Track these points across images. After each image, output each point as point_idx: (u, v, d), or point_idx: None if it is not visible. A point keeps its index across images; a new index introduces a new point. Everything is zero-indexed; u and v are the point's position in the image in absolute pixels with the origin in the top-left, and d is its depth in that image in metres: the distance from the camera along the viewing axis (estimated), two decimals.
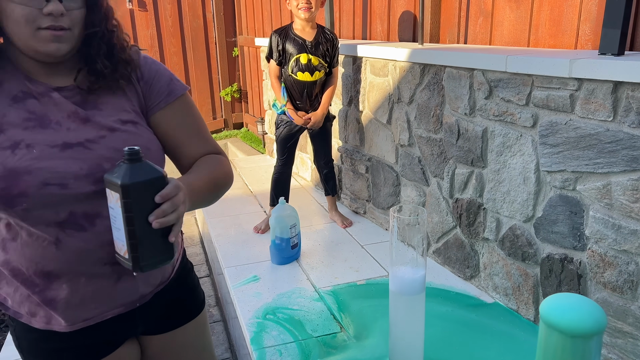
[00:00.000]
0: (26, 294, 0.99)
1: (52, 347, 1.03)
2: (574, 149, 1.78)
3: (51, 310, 0.99)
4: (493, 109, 2.09)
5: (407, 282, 1.68)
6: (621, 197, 1.65)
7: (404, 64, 2.64)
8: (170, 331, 1.19)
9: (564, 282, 1.91)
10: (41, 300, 0.98)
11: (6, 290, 1.01)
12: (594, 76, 1.65)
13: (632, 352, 1.69)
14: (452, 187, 2.42)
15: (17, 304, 1.00)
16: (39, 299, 0.98)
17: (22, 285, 0.98)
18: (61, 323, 1.01)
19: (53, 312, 0.99)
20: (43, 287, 0.98)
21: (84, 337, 1.04)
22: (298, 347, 2.00)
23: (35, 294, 0.98)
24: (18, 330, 1.04)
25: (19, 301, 1.00)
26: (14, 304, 1.01)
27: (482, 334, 2.03)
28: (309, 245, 2.89)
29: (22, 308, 1.01)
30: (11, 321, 1.05)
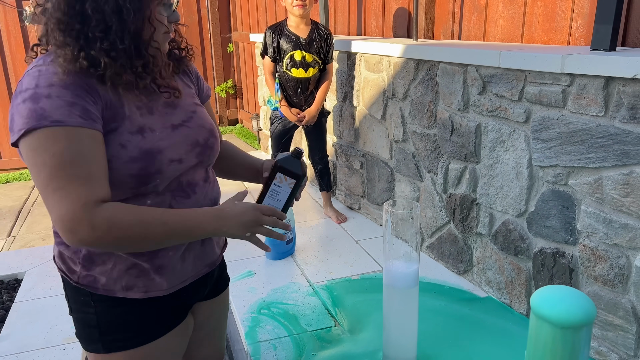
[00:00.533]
0: (125, 268, 1.08)
1: (139, 315, 1.13)
2: (566, 144, 1.79)
3: (156, 275, 1.10)
4: (486, 104, 2.10)
5: (401, 276, 1.69)
6: (612, 192, 1.66)
7: (398, 59, 2.65)
8: (216, 297, 1.34)
9: (556, 276, 1.93)
10: (149, 267, 1.09)
11: (101, 270, 1.08)
12: (586, 71, 1.66)
13: (623, 344, 1.71)
14: (446, 182, 2.43)
15: (112, 281, 1.09)
16: (148, 266, 1.09)
17: (130, 257, 1.07)
18: (163, 286, 1.12)
19: (158, 277, 1.11)
20: (153, 255, 1.09)
21: (173, 299, 1.16)
22: (292, 341, 2.01)
23: (144, 262, 1.09)
24: (100, 311, 1.11)
25: (116, 277, 1.08)
26: (108, 281, 1.09)
27: (475, 328, 2.05)
28: (304, 241, 2.90)
29: (117, 284, 1.09)
30: (92, 303, 1.11)
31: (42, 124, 0.92)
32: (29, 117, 0.93)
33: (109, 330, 1.13)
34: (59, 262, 1.13)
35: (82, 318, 1.14)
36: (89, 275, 1.09)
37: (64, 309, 2.25)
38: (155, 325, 1.16)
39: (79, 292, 1.12)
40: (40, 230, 3.85)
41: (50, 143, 0.93)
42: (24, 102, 0.94)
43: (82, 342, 1.17)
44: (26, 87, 0.95)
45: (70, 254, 1.09)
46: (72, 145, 0.94)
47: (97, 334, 1.13)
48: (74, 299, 1.14)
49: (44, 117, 0.93)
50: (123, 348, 1.13)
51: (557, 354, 1.13)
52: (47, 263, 2.67)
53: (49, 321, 2.18)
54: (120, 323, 1.13)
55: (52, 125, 0.93)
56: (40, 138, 0.93)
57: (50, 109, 0.93)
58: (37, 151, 0.93)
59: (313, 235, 2.98)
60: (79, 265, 1.09)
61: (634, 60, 1.51)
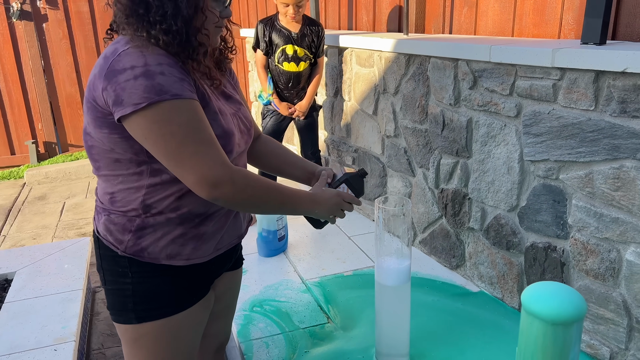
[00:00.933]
0: (172, 237, 1.17)
1: (172, 285, 1.22)
2: (556, 138, 1.79)
3: (200, 243, 1.20)
4: (477, 99, 2.10)
5: (393, 272, 1.69)
6: (603, 186, 1.66)
7: (389, 54, 2.64)
8: (235, 270, 1.45)
9: (548, 271, 1.93)
10: (194, 235, 1.19)
11: (150, 238, 1.16)
12: (576, 65, 1.65)
13: (614, 338, 1.72)
14: (438, 177, 2.43)
15: (158, 249, 1.17)
16: (193, 235, 1.19)
17: (178, 226, 1.17)
18: (204, 253, 1.22)
19: (201, 244, 1.21)
20: (198, 224, 1.19)
21: (206, 269, 1.26)
22: (285, 338, 2.01)
23: (191, 230, 1.19)
24: (137, 281, 1.19)
25: (162, 246, 1.17)
26: (154, 250, 1.17)
27: (467, 322, 2.05)
28: (296, 237, 2.89)
29: (162, 252, 1.18)
30: (130, 274, 1.19)
31: (164, 98, 1.02)
32: (148, 91, 1.01)
33: (142, 300, 1.20)
34: (105, 234, 1.19)
35: (117, 289, 1.21)
36: (137, 244, 1.17)
37: (54, 309, 2.23)
38: (186, 296, 1.24)
39: (119, 263, 1.19)
40: (30, 229, 3.82)
41: (174, 114, 1.03)
42: (136, 79, 1.01)
43: (114, 313, 1.24)
44: (132, 65, 1.02)
45: (124, 222, 1.16)
46: (193, 114, 1.05)
47: (130, 303, 1.20)
48: (111, 271, 1.21)
49: (164, 92, 1.02)
50: (155, 317, 1.21)
51: (548, 350, 1.13)
52: (38, 262, 2.65)
53: (40, 321, 2.16)
54: (155, 292, 1.20)
55: (172, 99, 1.02)
56: (164, 110, 1.02)
57: (167, 84, 1.02)
58: (161, 123, 1.03)
59: (305, 232, 2.97)
60: (129, 234, 1.16)
61: (624, 54, 1.51)
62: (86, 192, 4.61)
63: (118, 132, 1.08)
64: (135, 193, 1.14)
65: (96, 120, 1.09)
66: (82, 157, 5.34)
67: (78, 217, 4.03)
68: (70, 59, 5.33)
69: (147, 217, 1.15)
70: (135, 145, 1.09)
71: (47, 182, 4.95)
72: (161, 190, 1.14)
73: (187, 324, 1.26)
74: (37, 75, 5.22)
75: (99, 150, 1.13)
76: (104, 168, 1.15)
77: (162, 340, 1.24)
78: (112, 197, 1.17)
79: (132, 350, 1.26)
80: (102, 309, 2.73)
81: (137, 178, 1.13)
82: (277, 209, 1.24)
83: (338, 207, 1.31)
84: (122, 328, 1.24)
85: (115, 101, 1.03)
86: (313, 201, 1.28)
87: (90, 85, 1.09)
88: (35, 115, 5.32)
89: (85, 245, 2.82)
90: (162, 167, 1.11)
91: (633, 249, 1.61)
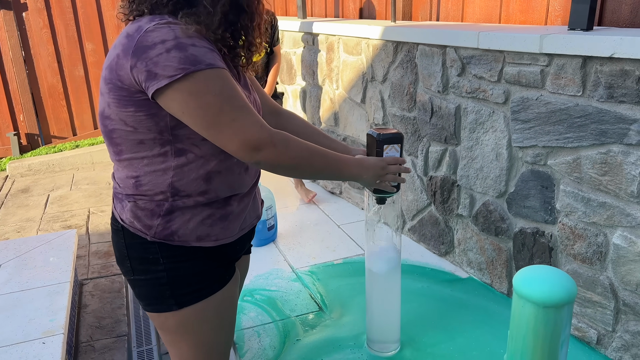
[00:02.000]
0: (200, 219, 1.17)
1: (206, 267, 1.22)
2: (544, 124, 1.80)
3: (226, 223, 1.22)
4: (466, 86, 2.10)
5: (383, 259, 1.69)
6: (590, 171, 1.68)
7: (377, 42, 2.63)
8: (248, 254, 1.49)
9: (536, 255, 1.95)
10: (221, 216, 1.20)
11: (179, 221, 1.17)
12: (564, 51, 1.66)
13: (601, 320, 1.75)
14: (427, 165, 2.44)
15: (188, 231, 1.17)
16: (220, 215, 1.20)
17: (205, 208, 1.18)
18: (231, 233, 1.24)
19: (228, 224, 1.22)
20: (224, 204, 1.20)
21: (232, 249, 1.28)
22: (276, 327, 2.01)
23: (218, 210, 1.20)
24: (170, 267, 1.19)
25: (192, 228, 1.17)
26: (184, 232, 1.17)
27: (457, 308, 2.07)
28: (286, 227, 2.88)
29: (192, 235, 1.18)
30: (161, 260, 1.18)
31: (199, 67, 1.02)
32: (183, 62, 1.01)
33: (180, 285, 1.20)
34: (132, 221, 1.18)
35: (150, 279, 1.20)
36: (166, 228, 1.16)
37: (41, 302, 2.20)
38: (221, 274, 1.26)
39: (148, 250, 1.18)
40: (14, 223, 3.76)
41: (211, 83, 1.04)
42: (169, 52, 1.01)
43: (150, 303, 1.23)
44: (162, 39, 1.02)
45: (152, 207, 1.16)
46: (227, 82, 1.06)
47: (168, 291, 1.19)
48: (140, 260, 1.19)
49: (198, 62, 1.03)
50: (195, 300, 1.21)
51: (540, 332, 1.15)
52: (23, 256, 2.61)
53: (27, 315, 2.13)
54: (191, 275, 1.21)
55: (207, 68, 1.03)
56: (199, 81, 1.03)
57: (200, 55, 1.03)
58: (198, 94, 1.04)
59: (295, 221, 2.97)
60: (158, 218, 1.16)
61: (611, 39, 1.52)
62: (70, 184, 4.55)
63: (144, 110, 1.08)
64: (162, 175, 1.14)
65: (121, 100, 1.08)
66: (65, 148, 5.26)
67: (63, 209, 3.97)
68: (51, 48, 5.23)
69: (176, 201, 1.15)
70: (160, 123, 1.09)
71: (30, 175, 4.87)
72: (188, 172, 1.14)
73: (226, 300, 1.28)
74: (17, 65, 5.11)
75: (121, 133, 1.12)
76: (126, 151, 1.14)
77: (207, 321, 1.25)
78: (137, 180, 1.16)
79: (177, 336, 1.25)
80: (89, 302, 2.70)
81: (162, 159, 1.13)
82: (321, 171, 1.24)
83: (384, 171, 1.32)
84: (161, 317, 1.23)
85: (148, 76, 1.03)
86: (361, 167, 1.28)
87: (111, 66, 1.08)
88: (16, 106, 5.21)
89: (71, 238, 2.79)
90: (186, 146, 1.12)
91: (620, 233, 1.63)
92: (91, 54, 5.40)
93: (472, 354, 1.81)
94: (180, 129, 1.11)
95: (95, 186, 4.46)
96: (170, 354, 1.32)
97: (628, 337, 1.67)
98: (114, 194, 1.24)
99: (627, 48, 1.49)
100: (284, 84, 3.91)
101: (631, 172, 1.56)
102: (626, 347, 1.68)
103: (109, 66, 1.09)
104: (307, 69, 3.46)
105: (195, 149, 1.13)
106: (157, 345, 2.37)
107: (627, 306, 1.66)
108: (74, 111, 5.47)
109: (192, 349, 1.27)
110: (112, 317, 2.56)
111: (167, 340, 1.28)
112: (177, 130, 1.11)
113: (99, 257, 3.20)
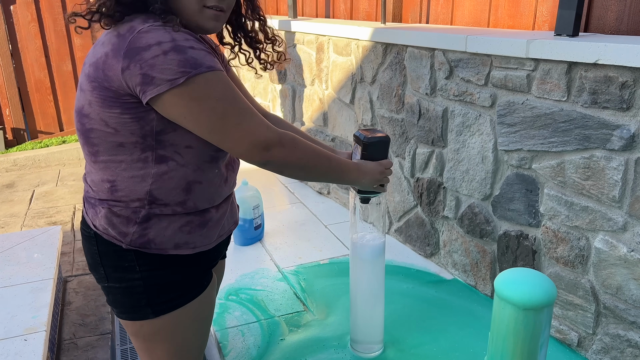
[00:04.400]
0: (178, 226, 1.14)
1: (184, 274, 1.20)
2: (530, 128, 1.82)
3: (205, 230, 1.19)
4: (453, 88, 2.12)
5: (368, 261, 1.70)
6: (574, 175, 1.70)
7: (366, 43, 2.64)
8: (224, 258, 1.47)
9: (520, 258, 1.97)
10: (199, 224, 1.17)
11: (156, 229, 1.13)
12: (550, 56, 1.68)
13: (582, 323, 1.77)
14: (414, 166, 2.45)
15: (166, 239, 1.14)
16: (198, 223, 1.17)
17: (183, 215, 1.14)
18: (209, 241, 1.21)
19: (205, 232, 1.19)
20: (203, 212, 1.18)
21: (209, 256, 1.25)
22: (260, 326, 2.01)
23: (196, 218, 1.16)
24: (146, 275, 1.15)
25: (169, 236, 1.14)
26: (162, 240, 1.13)
27: (441, 309, 2.09)
28: (273, 226, 2.88)
29: (169, 243, 1.14)
30: (137, 268, 1.14)
31: (200, 70, 0.99)
32: (183, 65, 0.97)
33: (157, 294, 1.17)
34: (107, 228, 1.13)
35: (126, 287, 1.16)
36: (142, 235, 1.12)
37: (24, 299, 2.18)
38: (198, 281, 1.24)
39: (124, 257, 1.14)
40: None
41: (211, 88, 1.01)
42: (166, 54, 0.96)
43: (126, 311, 1.19)
44: (158, 40, 0.97)
45: (128, 214, 1.11)
46: (228, 86, 1.04)
47: (144, 299, 1.16)
48: (114, 267, 1.15)
49: (199, 64, 0.99)
50: (172, 308, 1.18)
51: (520, 334, 1.16)
52: (6, 252, 2.58)
53: (9, 311, 2.11)
54: (168, 283, 1.18)
55: (208, 71, 1.00)
56: (200, 85, 1.00)
57: (199, 57, 0.99)
58: (200, 100, 1.00)
59: (282, 221, 2.97)
60: (134, 225, 1.12)
61: (596, 46, 1.54)
62: (56, 180, 4.51)
63: (131, 113, 1.03)
64: (140, 182, 1.09)
65: (105, 101, 1.03)
66: (51, 144, 5.21)
67: (48, 205, 3.93)
68: (39, 42, 5.17)
69: (153, 208, 1.12)
70: (145, 127, 1.05)
71: (15, 170, 4.81)
72: (168, 181, 1.10)
73: (203, 305, 1.26)
74: (4, 59, 5.05)
75: (99, 134, 1.07)
76: (103, 153, 1.09)
77: (183, 328, 1.23)
78: (112, 185, 1.11)
79: (152, 344, 1.22)
80: (73, 299, 2.68)
81: (141, 165, 1.08)
82: (324, 174, 1.25)
83: (382, 175, 1.37)
84: (136, 325, 1.20)
85: (143, 80, 0.97)
86: (359, 170, 1.31)
87: (98, 64, 1.02)
88: (2, 100, 5.15)
89: (55, 234, 2.76)
90: (168, 153, 1.08)
91: (601, 237, 1.65)
92: (80, 49, 5.36)
93: (455, 354, 1.82)
94: (164, 135, 1.07)
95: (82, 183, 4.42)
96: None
97: (608, 339, 1.70)
98: (85, 198, 1.19)
99: (611, 55, 1.51)
100: (273, 83, 3.91)
101: (613, 177, 1.58)
102: (606, 349, 1.71)
103: (95, 63, 1.03)
104: (297, 68, 3.46)
105: (177, 157, 1.09)
106: None
107: (607, 309, 1.68)
108: (61, 106, 5.41)
109: (167, 356, 1.24)
110: (96, 315, 2.54)
111: (140, 347, 1.25)
112: (161, 136, 1.07)
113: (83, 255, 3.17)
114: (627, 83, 1.50)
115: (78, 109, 1.09)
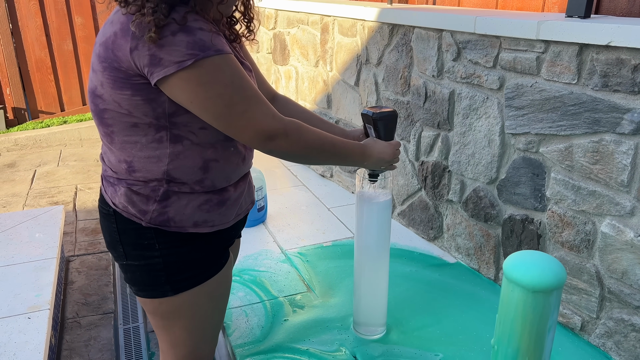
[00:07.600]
0: (197, 204, 1.14)
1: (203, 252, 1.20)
2: (538, 111, 1.80)
3: (223, 209, 1.19)
4: (461, 71, 2.09)
5: (372, 242, 1.69)
6: (582, 159, 1.69)
7: (372, 23, 2.60)
8: (239, 237, 1.47)
9: (524, 242, 1.97)
10: (218, 202, 1.17)
11: (175, 207, 1.13)
12: (561, 38, 1.65)
13: (586, 307, 1.77)
14: (418, 150, 2.43)
15: (185, 217, 1.14)
16: (217, 201, 1.17)
17: (202, 194, 1.14)
18: (228, 219, 1.22)
19: (224, 210, 1.19)
20: (222, 190, 1.18)
21: (227, 234, 1.26)
22: (264, 307, 2.01)
23: (215, 196, 1.16)
24: (166, 253, 1.16)
25: (189, 214, 1.14)
26: (181, 218, 1.14)
27: (444, 292, 2.09)
28: (276, 208, 2.87)
29: (188, 221, 1.14)
30: (157, 245, 1.15)
31: (208, 54, 0.96)
32: (191, 47, 0.95)
33: (176, 271, 1.17)
34: (126, 206, 1.13)
35: (145, 265, 1.16)
36: (162, 213, 1.13)
37: (27, 278, 2.18)
38: (216, 259, 1.24)
39: (143, 235, 1.14)
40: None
41: (219, 72, 0.99)
42: (175, 35, 0.94)
43: (144, 289, 1.20)
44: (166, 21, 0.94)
45: (147, 192, 1.11)
46: (236, 71, 1.01)
47: (163, 277, 1.17)
48: (134, 245, 1.15)
49: (207, 47, 0.96)
50: (191, 286, 1.19)
51: (528, 317, 1.16)
52: (9, 231, 2.58)
53: (12, 290, 2.11)
54: (187, 261, 1.18)
55: (216, 54, 0.97)
56: (209, 69, 0.97)
57: (208, 40, 0.96)
58: (208, 84, 0.98)
59: (285, 203, 2.96)
60: (154, 203, 1.12)
61: (609, 27, 1.51)
62: (58, 160, 4.49)
63: (142, 94, 1.02)
64: (157, 162, 1.09)
65: (116, 82, 1.01)
66: (52, 124, 5.18)
67: (50, 185, 3.92)
68: (39, 21, 5.12)
69: (172, 187, 1.12)
70: (157, 109, 1.04)
71: (16, 150, 4.79)
72: (184, 160, 1.10)
73: (221, 284, 1.27)
74: (4, 38, 5.00)
75: (113, 114, 1.06)
76: (118, 133, 1.08)
77: (201, 305, 1.24)
78: (129, 166, 1.11)
79: (170, 321, 1.23)
80: (76, 279, 2.69)
81: (156, 145, 1.08)
82: (329, 159, 1.25)
83: (391, 156, 1.37)
84: (155, 302, 1.21)
85: (151, 61, 0.95)
86: (364, 154, 1.31)
87: (107, 43, 1.00)
88: (3, 79, 5.11)
89: (58, 214, 2.76)
90: (182, 133, 1.07)
91: (608, 221, 1.64)
92: (80, 28, 5.30)
93: (458, 337, 1.82)
94: (178, 116, 1.06)
95: (83, 163, 4.40)
96: (160, 338, 1.29)
97: (612, 324, 1.70)
98: (104, 177, 1.19)
99: (623, 37, 1.48)
100: (277, 65, 3.87)
101: (622, 161, 1.56)
102: (609, 333, 1.71)
103: (104, 43, 1.01)
104: (301, 49, 3.42)
105: (192, 136, 1.09)
106: (144, 323, 2.36)
107: (612, 294, 1.68)
108: (62, 86, 5.38)
109: (185, 333, 1.25)
110: (99, 294, 2.55)
111: (158, 325, 1.26)
112: (174, 117, 1.06)
113: (86, 234, 3.17)
114: (639, 66, 1.48)
115: (91, 90, 1.08)
